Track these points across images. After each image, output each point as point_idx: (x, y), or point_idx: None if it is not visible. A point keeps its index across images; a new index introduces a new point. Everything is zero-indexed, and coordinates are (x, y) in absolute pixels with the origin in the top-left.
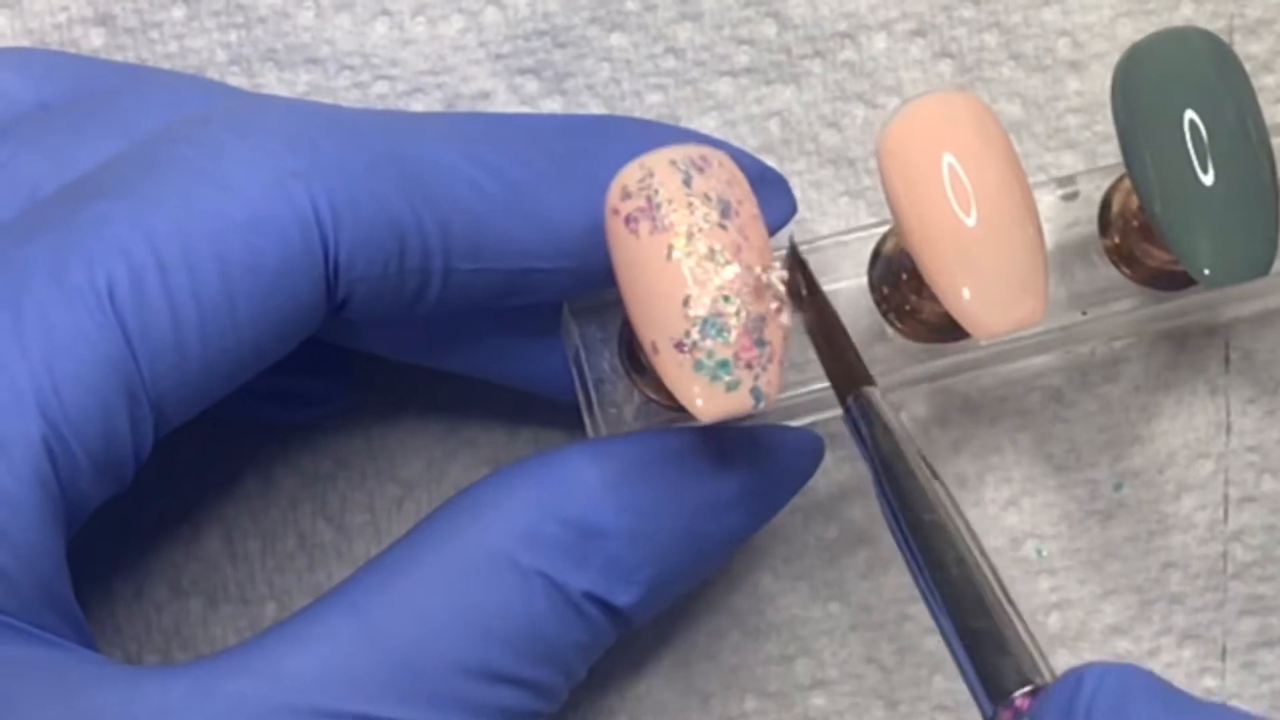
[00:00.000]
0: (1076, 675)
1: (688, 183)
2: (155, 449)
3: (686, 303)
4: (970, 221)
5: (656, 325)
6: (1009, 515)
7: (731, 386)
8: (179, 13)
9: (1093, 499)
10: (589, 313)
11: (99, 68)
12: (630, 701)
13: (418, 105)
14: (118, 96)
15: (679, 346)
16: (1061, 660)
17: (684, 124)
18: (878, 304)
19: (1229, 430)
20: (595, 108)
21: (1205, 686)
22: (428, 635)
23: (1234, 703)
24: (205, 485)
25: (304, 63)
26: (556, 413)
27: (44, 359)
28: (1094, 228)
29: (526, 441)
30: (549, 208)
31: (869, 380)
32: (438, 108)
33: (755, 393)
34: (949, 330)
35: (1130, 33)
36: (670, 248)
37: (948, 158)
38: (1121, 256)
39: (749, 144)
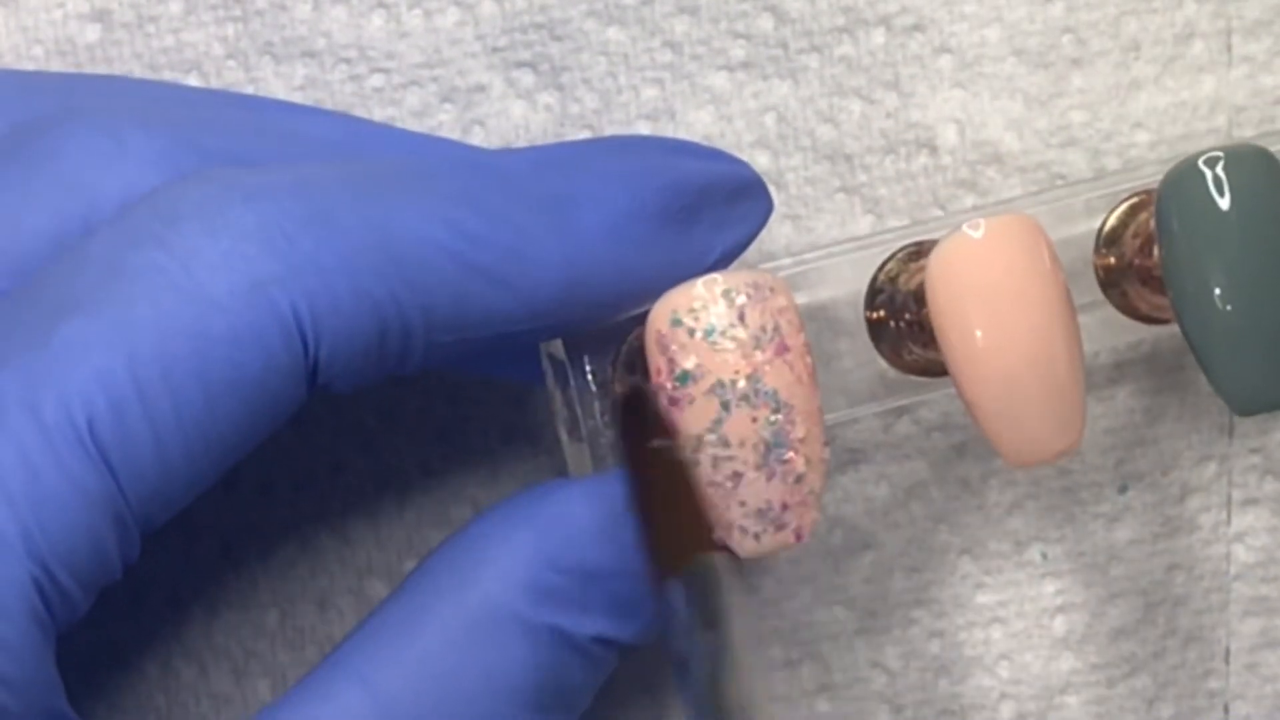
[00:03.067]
0: None
1: (741, 316)
2: None
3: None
4: (1015, 355)
5: (700, 464)
6: (1013, 519)
7: (778, 528)
8: (176, 7)
9: (1097, 502)
10: (567, 344)
11: (31, 93)
12: (633, 707)
13: (413, 98)
14: (59, 146)
15: (718, 486)
16: (1066, 664)
17: (680, 118)
18: (871, 332)
19: (1232, 432)
20: (591, 102)
21: (1209, 688)
22: (441, 701)
23: (1237, 704)
24: (203, 492)
25: (300, 56)
26: (554, 421)
27: (28, 502)
28: (1084, 236)
29: (522, 442)
30: (530, 269)
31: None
32: (433, 101)
33: (797, 531)
34: (939, 372)
35: (1134, 30)
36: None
37: (1000, 288)
38: (1110, 283)
39: (744, 139)
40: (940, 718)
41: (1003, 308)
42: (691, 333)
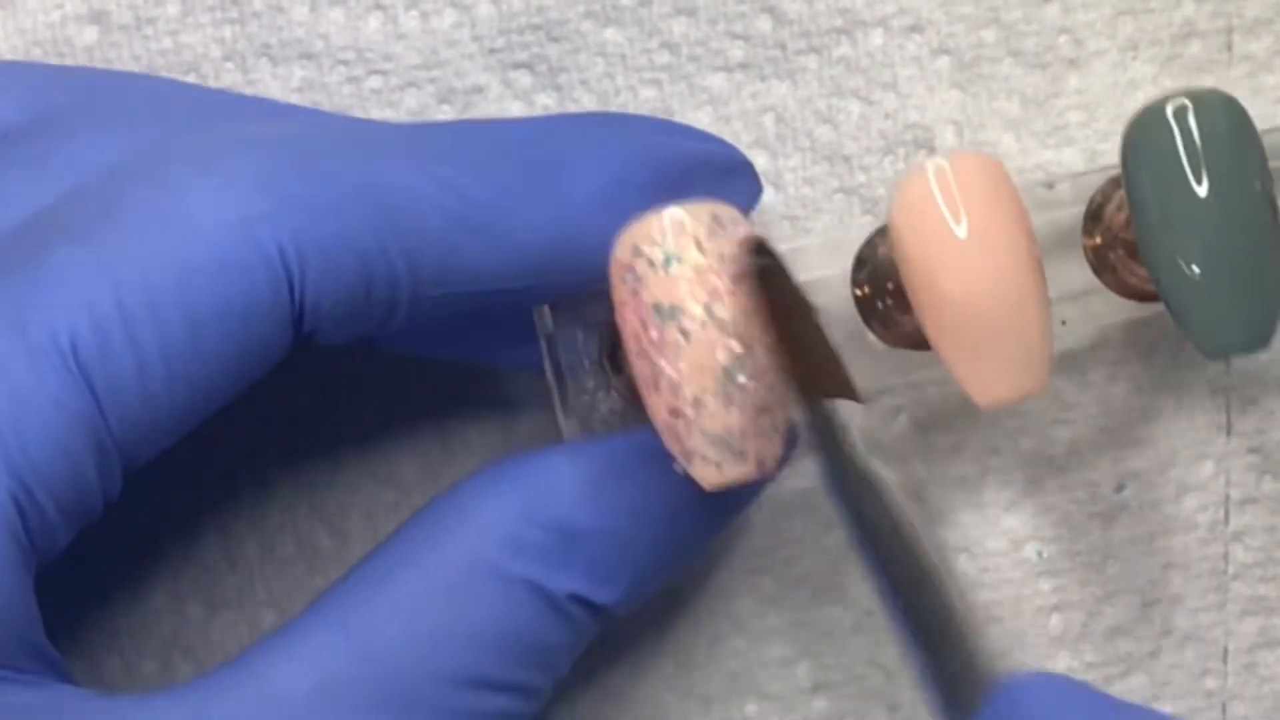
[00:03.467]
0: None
1: (700, 246)
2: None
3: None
4: (979, 292)
5: (661, 391)
6: (1009, 517)
7: (739, 458)
8: (173, 9)
9: (1094, 500)
10: (561, 306)
11: (51, 85)
12: (632, 706)
13: (411, 100)
14: (75, 131)
15: (679, 414)
16: (1062, 664)
17: (678, 119)
18: (859, 308)
19: (1230, 431)
20: (589, 103)
21: (1206, 688)
22: (416, 648)
23: (1234, 704)
24: (201, 490)
25: (298, 58)
26: (552, 413)
27: (9, 418)
28: (1075, 222)
29: (523, 442)
30: (518, 228)
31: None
32: (431, 103)
33: (759, 461)
34: (927, 342)
35: (1131, 30)
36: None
37: (962, 223)
38: (1101, 263)
39: (743, 140)
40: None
41: (965, 244)
42: (651, 263)
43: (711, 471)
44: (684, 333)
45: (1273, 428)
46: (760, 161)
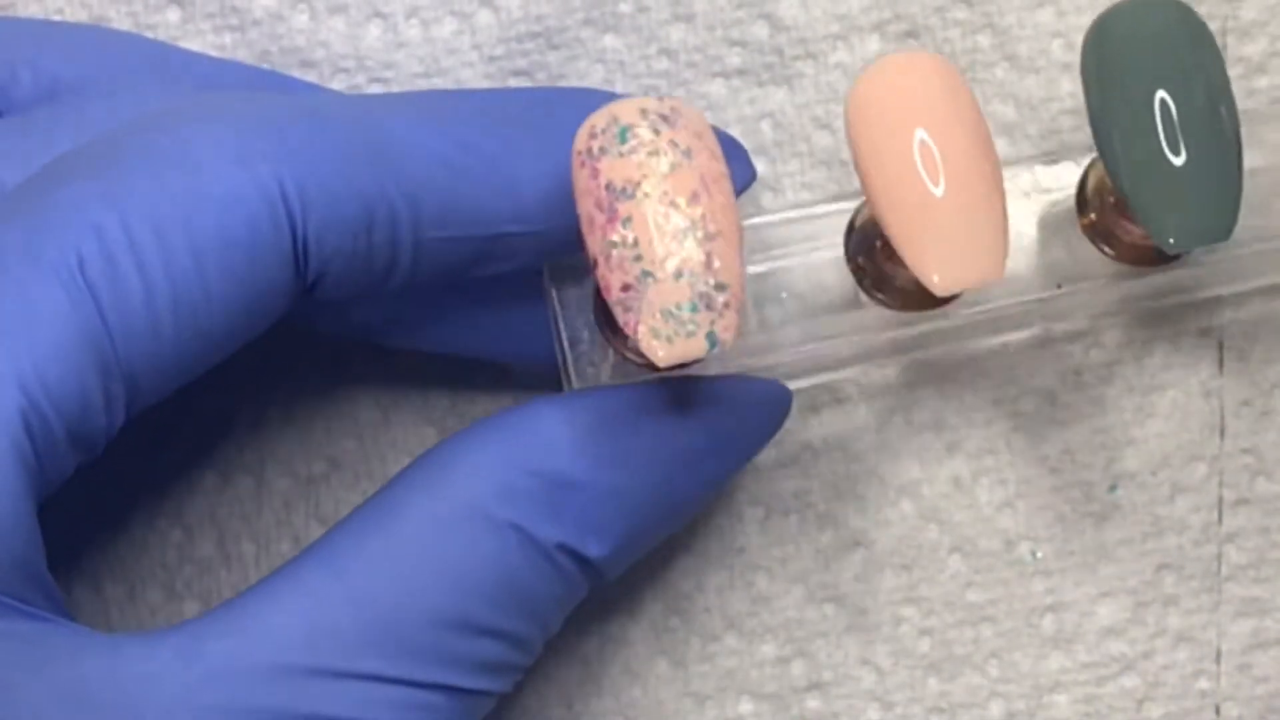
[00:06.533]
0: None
1: (655, 130)
2: (146, 450)
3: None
4: (935, 185)
5: (615, 269)
6: (1003, 517)
7: (689, 332)
8: (173, 15)
9: (1087, 501)
10: (567, 272)
11: (65, 49)
12: (626, 704)
13: None
14: (87, 101)
15: (630, 288)
16: (1056, 663)
17: None
18: (854, 275)
19: (1223, 433)
20: None
21: (1200, 689)
22: (406, 591)
23: (1228, 706)
24: (197, 487)
25: (299, 65)
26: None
27: (19, 334)
28: (1073, 206)
29: None
30: (516, 174)
31: None
32: None
33: (710, 338)
34: (923, 299)
35: None
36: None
37: (915, 117)
38: (1099, 234)
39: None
40: (930, 716)
41: (915, 127)
42: (606, 145)
43: (662, 346)
44: (637, 208)
45: (1266, 429)
46: (758, 167)
